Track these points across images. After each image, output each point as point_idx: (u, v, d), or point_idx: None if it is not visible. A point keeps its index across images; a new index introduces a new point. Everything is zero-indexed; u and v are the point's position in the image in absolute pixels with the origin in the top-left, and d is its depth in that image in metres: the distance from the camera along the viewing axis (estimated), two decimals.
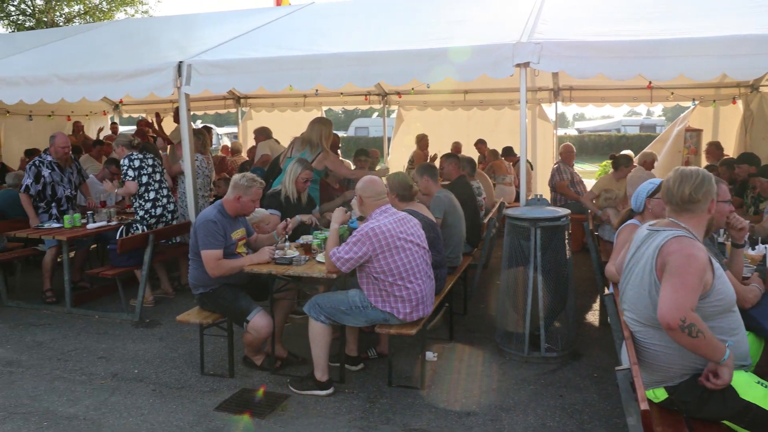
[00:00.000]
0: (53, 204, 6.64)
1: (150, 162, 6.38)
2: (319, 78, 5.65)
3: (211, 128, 11.45)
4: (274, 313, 4.55)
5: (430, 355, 4.89)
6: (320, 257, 4.52)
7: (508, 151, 10.65)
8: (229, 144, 13.77)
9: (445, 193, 5.63)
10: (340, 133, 23.26)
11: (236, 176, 4.62)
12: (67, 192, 6.74)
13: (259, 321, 4.36)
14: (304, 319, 5.42)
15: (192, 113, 10.49)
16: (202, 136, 7.41)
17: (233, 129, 27.18)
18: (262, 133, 9.08)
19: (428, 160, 10.27)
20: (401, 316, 4.17)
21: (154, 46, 8.70)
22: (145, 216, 6.28)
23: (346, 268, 4.09)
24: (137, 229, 6.27)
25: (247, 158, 10.60)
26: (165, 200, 6.42)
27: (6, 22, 20.28)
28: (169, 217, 6.43)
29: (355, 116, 39.97)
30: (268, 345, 4.68)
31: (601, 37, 5.28)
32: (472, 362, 4.93)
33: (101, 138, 11.38)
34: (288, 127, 10.61)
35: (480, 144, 11.05)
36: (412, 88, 10.23)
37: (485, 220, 6.81)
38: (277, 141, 9.31)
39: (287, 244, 4.77)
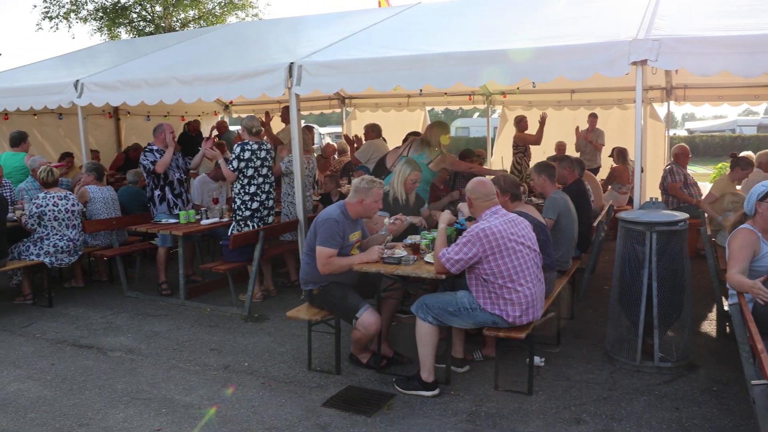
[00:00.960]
0: (166, 188, 6.94)
1: (262, 155, 6.38)
2: (428, 78, 5.62)
3: (312, 128, 11.68)
4: (381, 312, 4.56)
5: (537, 360, 4.75)
6: (429, 257, 4.49)
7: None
8: (332, 143, 13.99)
9: (561, 194, 5.48)
10: None
11: (356, 180, 4.65)
12: (178, 175, 7.03)
13: (368, 318, 4.37)
14: (410, 318, 5.44)
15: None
16: (304, 136, 7.54)
17: (335, 129, 27.75)
18: (374, 131, 9.08)
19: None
20: (510, 320, 4.07)
21: (265, 48, 8.98)
22: (241, 206, 6.38)
23: (456, 269, 4.03)
24: (238, 220, 6.40)
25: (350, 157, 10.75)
26: (264, 196, 6.43)
27: (128, 28, 21.65)
28: (265, 213, 6.44)
29: (455, 116, 39.81)
30: (374, 343, 4.70)
31: (723, 32, 4.94)
32: (580, 369, 4.74)
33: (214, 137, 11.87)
34: (391, 127, 10.69)
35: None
36: (518, 88, 10.02)
37: (594, 224, 6.56)
38: (384, 140, 9.35)
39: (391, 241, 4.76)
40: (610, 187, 9.35)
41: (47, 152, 10.41)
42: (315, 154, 7.42)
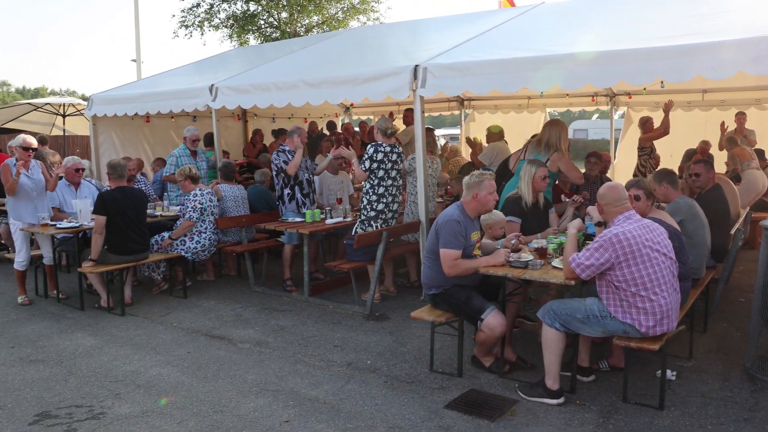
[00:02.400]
0: (296, 187, 7.20)
1: (393, 158, 6.45)
2: (555, 79, 5.47)
3: (432, 129, 11.71)
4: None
5: (668, 374, 4.50)
6: (556, 262, 4.38)
7: (760, 155, 9.50)
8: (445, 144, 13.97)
9: (686, 200, 5.18)
10: None
11: (465, 178, 4.64)
12: (306, 176, 7.28)
13: (493, 319, 4.33)
14: (534, 324, 5.34)
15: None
16: (428, 137, 7.56)
17: (449, 131, 27.70)
18: (495, 133, 8.99)
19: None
20: (643, 330, 3.89)
21: (388, 51, 9.12)
22: (367, 206, 6.49)
23: (586, 275, 3.90)
24: (362, 220, 6.51)
25: (470, 160, 10.69)
26: (390, 199, 6.51)
27: (256, 34, 22.71)
28: (389, 216, 6.51)
29: (572, 118, 38.56)
30: (497, 347, 4.64)
31: None
32: (716, 386, 4.45)
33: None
34: (510, 129, 10.51)
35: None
36: (644, 88, 9.54)
37: (731, 231, 6.13)
38: (506, 142, 9.23)
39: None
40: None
41: None
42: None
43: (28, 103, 14.48)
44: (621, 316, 3.93)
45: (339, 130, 13.18)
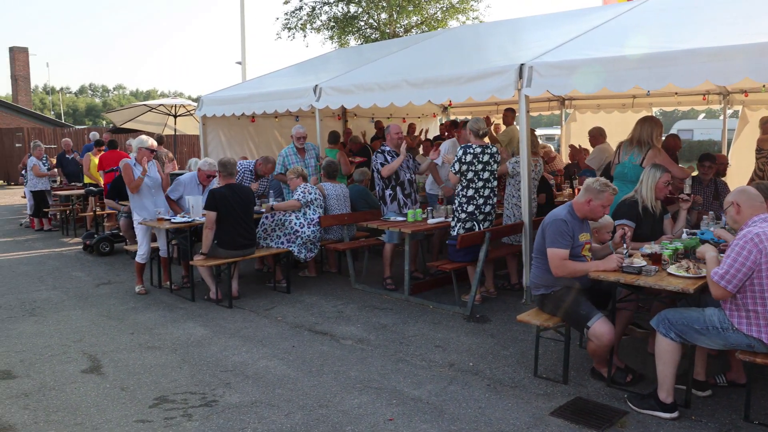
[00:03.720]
0: (398, 188, 7.23)
1: (484, 159, 6.32)
2: (670, 77, 5.21)
3: (533, 130, 11.45)
4: (614, 323, 4.33)
5: None
6: (672, 269, 4.17)
7: None
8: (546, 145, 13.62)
9: None
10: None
11: (589, 180, 4.49)
12: (408, 176, 7.30)
13: (600, 327, 4.18)
14: (644, 333, 5.12)
15: (515, 115, 10.71)
16: (532, 138, 7.40)
17: (546, 131, 27.06)
18: (601, 135, 8.67)
19: None
20: None
21: (489, 51, 9.01)
22: (458, 208, 6.42)
23: (733, 285, 3.60)
24: (457, 222, 6.45)
25: (570, 161, 10.39)
26: (482, 201, 6.38)
27: (356, 36, 23.07)
28: (480, 218, 6.38)
29: (675, 118, 36.66)
30: (615, 356, 4.46)
31: None
32: None
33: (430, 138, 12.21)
34: (614, 129, 10.13)
35: None
36: (764, 85, 8.91)
37: None
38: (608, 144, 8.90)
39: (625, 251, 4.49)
40: None
41: None
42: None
43: (144, 105, 15.37)
44: (746, 328, 3.69)
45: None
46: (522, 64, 6.08)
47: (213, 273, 6.86)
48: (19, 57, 36.76)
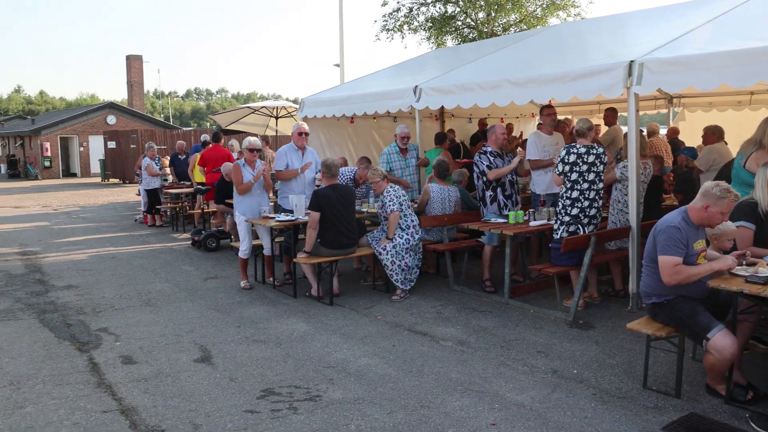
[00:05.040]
0: (498, 189, 7.14)
1: (590, 159, 6.11)
2: None
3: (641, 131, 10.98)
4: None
5: None
6: None
7: None
8: None
9: None
10: None
11: (708, 184, 4.21)
12: (509, 177, 7.18)
13: (722, 340, 3.94)
14: (765, 347, 4.80)
15: (618, 114, 10.32)
16: (641, 140, 7.10)
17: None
18: (714, 134, 8.15)
19: None
20: None
21: (592, 48, 8.74)
22: (561, 210, 6.24)
23: None
24: (560, 224, 6.27)
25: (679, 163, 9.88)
26: (587, 203, 6.17)
27: (454, 35, 23.02)
28: (585, 221, 6.17)
29: None
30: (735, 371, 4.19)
31: None
32: None
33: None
34: (728, 128, 9.55)
35: None
36: None
37: None
38: (725, 143, 8.39)
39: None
40: None
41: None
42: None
43: (247, 107, 15.97)
44: None
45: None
46: (632, 61, 5.85)
47: (315, 271, 7.02)
48: (134, 64, 39.24)
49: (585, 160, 6.13)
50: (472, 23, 22.82)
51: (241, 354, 5.39)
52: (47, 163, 33.96)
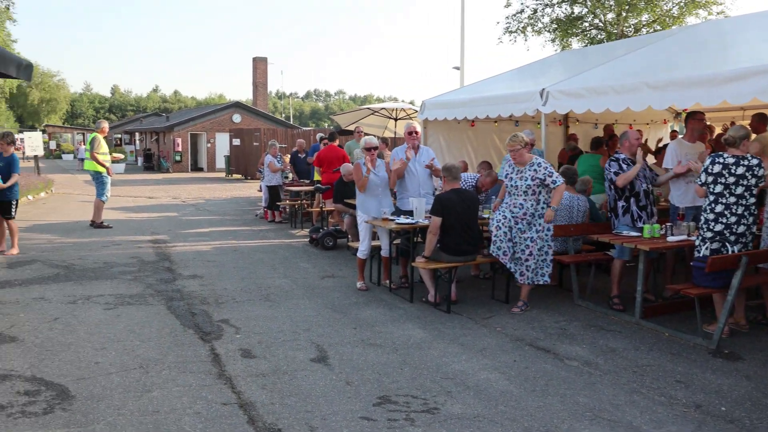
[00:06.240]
0: (632, 199, 6.65)
1: (739, 171, 5.55)
2: None
3: None
4: None
5: None
6: None
7: None
8: None
9: None
10: None
11: None
12: (644, 186, 6.66)
13: None
14: None
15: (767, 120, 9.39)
16: None
17: None
18: None
19: None
20: None
21: (741, 47, 8.00)
22: (703, 225, 5.71)
23: None
24: (702, 240, 5.73)
25: None
26: (734, 219, 5.57)
27: (579, 37, 22.15)
28: (732, 239, 5.58)
29: None
30: None
31: None
32: None
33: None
34: None
35: None
36: None
37: None
38: None
39: None
40: None
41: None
42: None
43: (367, 108, 16.11)
44: None
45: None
46: None
47: (433, 276, 6.85)
48: (259, 66, 41.01)
49: (732, 171, 5.56)
50: (601, 24, 21.78)
51: (357, 357, 5.30)
52: (178, 158, 36.07)
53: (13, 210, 9.48)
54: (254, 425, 4.04)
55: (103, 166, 12.36)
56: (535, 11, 22.46)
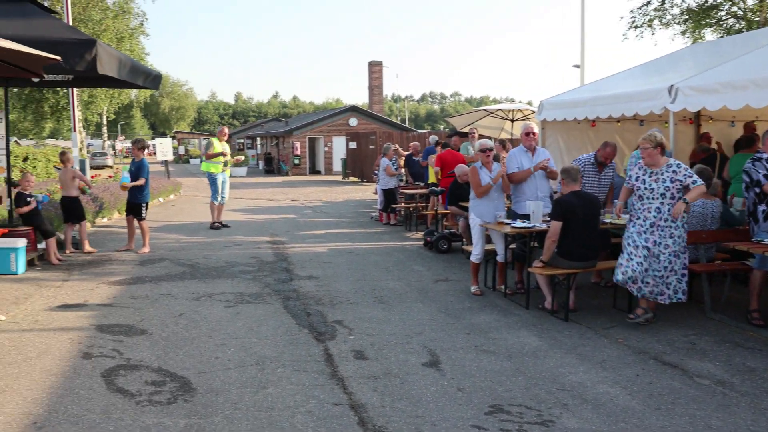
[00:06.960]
0: None
1: None
2: None
3: None
4: None
5: None
6: None
7: None
8: None
9: None
10: None
11: None
12: None
13: None
14: None
15: None
16: None
17: None
18: None
19: None
20: None
21: None
22: None
23: None
24: None
25: None
26: None
27: (714, 28, 20.66)
28: None
29: None
30: None
31: None
32: None
33: None
34: None
35: None
36: None
37: None
38: None
39: None
40: None
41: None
42: None
43: (483, 110, 15.89)
44: None
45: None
46: None
47: (551, 282, 6.60)
48: (375, 70, 41.73)
49: None
50: (740, 12, 20.12)
51: (470, 363, 5.19)
52: (296, 161, 37.37)
53: (143, 212, 10.21)
54: (364, 427, 4.04)
55: (221, 156, 12.87)
56: (663, 2, 21.15)
